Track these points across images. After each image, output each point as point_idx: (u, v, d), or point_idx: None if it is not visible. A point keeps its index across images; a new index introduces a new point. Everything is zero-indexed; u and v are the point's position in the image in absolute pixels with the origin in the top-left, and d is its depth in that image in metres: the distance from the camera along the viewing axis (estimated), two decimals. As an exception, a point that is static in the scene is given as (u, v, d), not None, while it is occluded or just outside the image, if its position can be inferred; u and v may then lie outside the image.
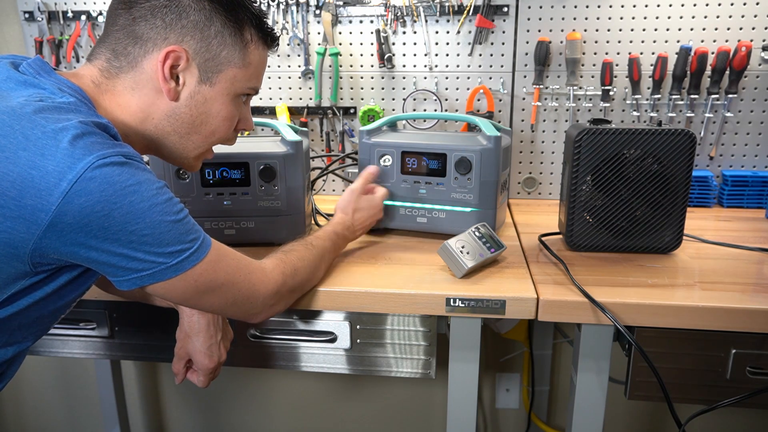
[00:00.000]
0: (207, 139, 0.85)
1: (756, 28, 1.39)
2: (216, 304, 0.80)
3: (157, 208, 0.68)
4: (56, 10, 1.55)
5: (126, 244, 0.68)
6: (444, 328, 1.06)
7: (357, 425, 1.86)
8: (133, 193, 0.66)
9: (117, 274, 0.71)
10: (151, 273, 0.71)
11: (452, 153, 1.15)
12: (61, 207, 0.63)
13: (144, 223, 0.67)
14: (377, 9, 1.49)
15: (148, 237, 0.68)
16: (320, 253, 0.97)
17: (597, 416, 1.01)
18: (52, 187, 0.63)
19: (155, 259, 0.70)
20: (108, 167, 0.65)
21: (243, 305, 0.82)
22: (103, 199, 0.64)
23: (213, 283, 0.76)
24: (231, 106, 0.84)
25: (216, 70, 0.80)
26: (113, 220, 0.66)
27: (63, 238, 0.65)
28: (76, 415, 1.98)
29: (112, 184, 0.65)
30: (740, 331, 0.89)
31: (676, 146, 1.04)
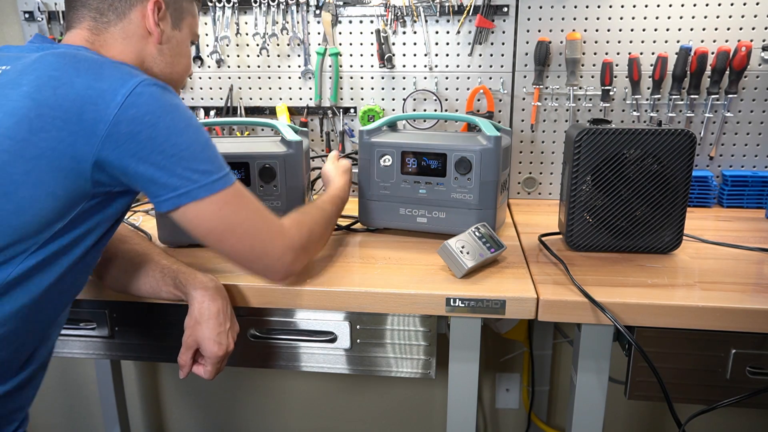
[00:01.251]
0: (182, 75, 0.99)
1: (756, 28, 1.39)
2: (236, 248, 0.85)
3: (193, 129, 0.79)
4: (56, 10, 1.55)
5: (168, 157, 0.76)
6: (444, 328, 1.06)
7: (357, 425, 1.86)
8: (174, 110, 0.77)
9: (158, 193, 0.78)
10: (186, 191, 0.78)
11: (452, 153, 1.15)
12: (116, 117, 0.74)
13: (183, 138, 0.77)
14: (377, 9, 1.49)
15: (186, 152, 0.77)
16: (330, 216, 1.05)
17: (597, 416, 1.02)
18: (109, 101, 0.74)
19: (191, 176, 0.78)
20: (153, 87, 0.77)
21: (262, 251, 0.86)
22: (150, 111, 0.75)
23: (236, 215, 0.82)
24: (189, 48, 1.00)
25: (180, 17, 0.96)
26: (158, 130, 0.75)
27: (118, 150, 0.75)
28: (76, 415, 1.98)
29: (157, 100, 0.76)
30: (740, 331, 0.89)
31: (676, 146, 1.04)
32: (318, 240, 0.99)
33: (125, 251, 0.99)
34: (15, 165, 0.73)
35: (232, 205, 0.82)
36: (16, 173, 0.73)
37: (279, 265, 0.88)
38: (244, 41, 1.55)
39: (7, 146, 0.72)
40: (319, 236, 0.99)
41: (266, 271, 0.89)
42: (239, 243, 0.84)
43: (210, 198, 0.79)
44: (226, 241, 0.84)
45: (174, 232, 1.15)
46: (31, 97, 0.73)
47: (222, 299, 0.92)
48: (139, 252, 0.98)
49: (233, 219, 0.82)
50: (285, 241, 0.88)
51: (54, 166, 0.74)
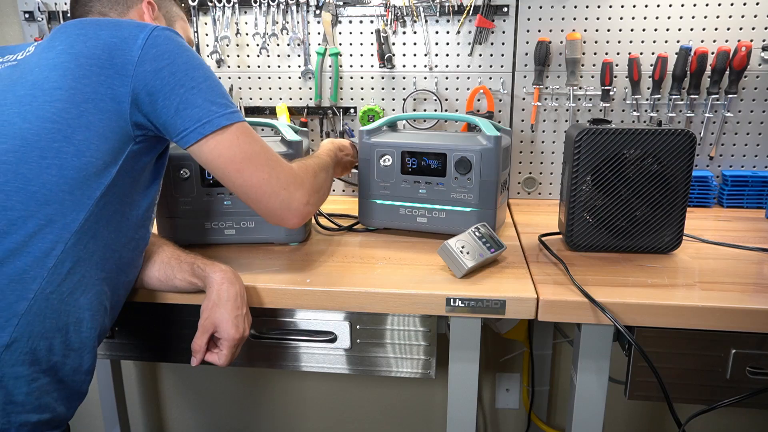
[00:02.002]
0: None
1: (756, 28, 1.39)
2: (256, 174, 0.89)
3: (205, 67, 0.88)
4: (56, 10, 1.55)
5: (189, 89, 0.84)
6: (444, 328, 1.06)
7: (357, 425, 1.86)
8: (188, 50, 0.86)
9: (184, 127, 0.84)
10: (208, 120, 0.84)
11: (452, 153, 1.15)
12: (141, 56, 0.83)
13: (199, 72, 0.86)
14: (377, 9, 1.49)
15: (203, 84, 0.85)
16: (327, 166, 1.09)
17: (597, 416, 1.02)
18: (132, 43, 0.83)
19: (210, 107, 0.85)
20: (168, 32, 0.86)
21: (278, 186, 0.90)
22: (169, 50, 0.84)
23: (251, 146, 0.88)
24: None
25: (173, 21, 1.08)
26: (177, 66, 0.84)
27: (147, 85, 0.83)
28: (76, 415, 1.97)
29: (173, 41, 0.85)
30: (740, 331, 0.89)
31: (676, 146, 1.04)
32: (322, 185, 1.03)
33: None
34: (69, 111, 0.80)
35: (247, 136, 0.88)
36: (71, 118, 0.81)
37: (295, 202, 0.92)
38: (244, 41, 1.55)
39: (59, 95, 0.80)
40: (323, 180, 1.03)
41: (282, 207, 0.92)
42: (258, 172, 0.88)
43: (229, 128, 0.86)
44: (246, 171, 0.88)
45: (174, 233, 1.15)
46: (67, 51, 0.82)
47: (239, 284, 0.94)
48: (153, 241, 1.00)
49: (250, 149, 0.88)
50: (297, 180, 0.93)
51: (99, 108, 0.82)
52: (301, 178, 0.94)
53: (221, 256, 1.12)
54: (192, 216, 1.14)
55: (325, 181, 1.05)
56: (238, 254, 1.13)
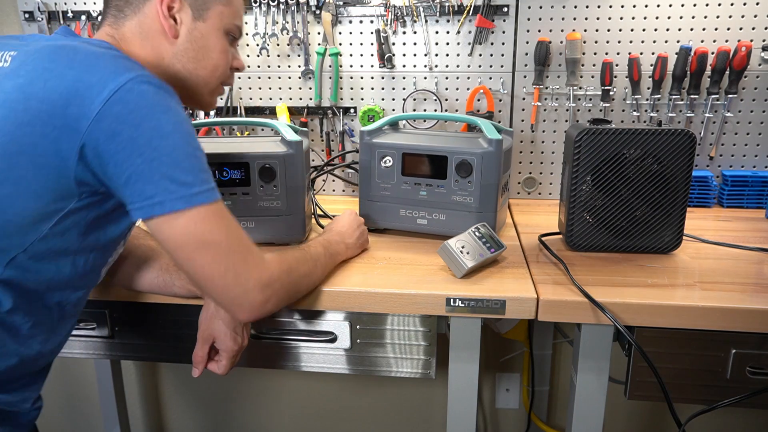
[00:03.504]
0: (212, 74, 0.92)
1: (756, 28, 1.39)
2: (207, 268, 0.77)
3: (180, 134, 0.74)
4: (56, 10, 1.55)
5: (148, 161, 0.72)
6: (444, 328, 1.06)
7: (357, 425, 1.86)
8: (163, 113, 0.73)
9: (133, 199, 0.74)
10: (160, 201, 0.73)
11: (453, 156, 1.14)
12: (100, 113, 0.70)
13: (167, 142, 0.72)
14: (377, 9, 1.48)
15: (168, 158, 0.72)
16: (314, 257, 0.96)
17: (597, 416, 1.02)
18: (95, 95, 0.70)
19: (168, 186, 0.73)
20: (146, 85, 0.72)
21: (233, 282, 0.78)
22: (135, 110, 0.71)
23: (211, 234, 0.76)
24: (224, 41, 0.92)
25: (205, 7, 0.89)
26: (141, 131, 0.71)
27: (98, 147, 0.71)
28: (76, 415, 1.98)
29: (146, 99, 0.72)
30: (740, 331, 0.89)
31: (676, 146, 1.04)
32: (299, 278, 0.90)
33: (138, 246, 0.99)
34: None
35: (209, 223, 0.76)
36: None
37: (248, 300, 0.80)
38: (244, 41, 1.55)
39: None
40: (300, 277, 0.91)
41: (232, 303, 0.81)
42: (211, 265, 0.77)
43: (186, 212, 0.74)
44: (197, 260, 0.77)
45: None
46: (23, 89, 0.71)
47: None
48: (153, 247, 0.99)
49: (208, 238, 0.76)
50: (262, 275, 0.81)
51: (36, 163, 0.71)
52: (269, 274, 0.82)
53: (221, 256, 1.12)
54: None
55: (304, 277, 0.92)
56: (238, 254, 1.13)
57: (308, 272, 0.93)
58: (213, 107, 0.99)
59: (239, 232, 0.80)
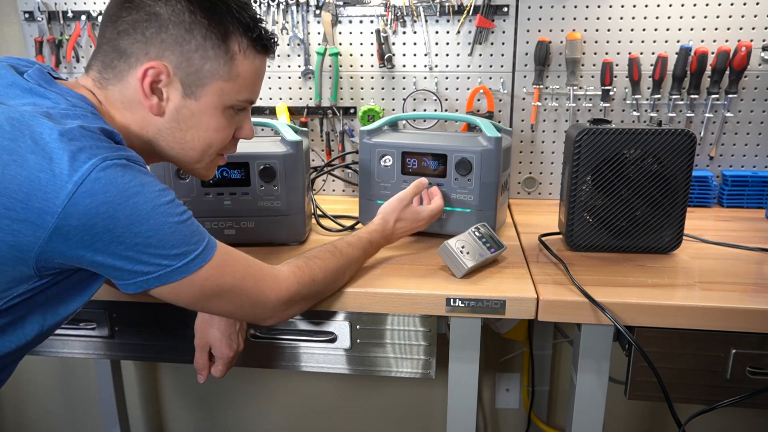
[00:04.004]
0: (203, 154, 0.84)
1: (756, 28, 1.39)
2: (224, 309, 0.81)
3: (160, 210, 0.69)
4: (56, 10, 1.55)
5: (131, 247, 0.68)
6: (444, 328, 1.06)
7: (357, 425, 1.86)
8: (136, 195, 0.67)
9: (123, 278, 0.71)
10: (156, 276, 0.71)
11: (453, 154, 1.15)
12: (66, 209, 0.64)
13: (148, 225, 0.68)
14: (377, 9, 1.48)
15: (152, 239, 0.69)
16: (347, 262, 0.95)
17: (597, 416, 1.01)
18: (59, 189, 0.63)
19: (160, 262, 0.70)
20: (111, 169, 0.66)
21: (252, 310, 0.82)
22: (107, 201, 0.65)
23: (220, 287, 0.76)
24: (221, 118, 0.82)
25: (200, 83, 0.78)
26: (117, 221, 0.66)
27: (68, 242, 0.66)
28: (76, 415, 1.98)
29: (115, 186, 0.66)
30: (740, 331, 0.89)
31: (676, 146, 1.04)
32: (323, 289, 0.91)
33: None
34: None
35: (215, 276, 0.75)
36: None
37: (272, 313, 0.84)
38: (244, 41, 1.55)
39: None
40: (325, 285, 0.91)
41: (258, 320, 0.85)
42: (226, 306, 0.80)
43: (188, 278, 0.73)
44: (212, 308, 0.80)
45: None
46: None
47: None
48: None
49: (216, 291, 0.76)
50: (280, 293, 0.82)
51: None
52: (287, 289, 0.83)
53: (221, 256, 1.12)
54: (192, 216, 1.14)
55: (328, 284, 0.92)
56: (238, 254, 1.13)
57: (334, 279, 0.92)
58: (210, 177, 0.90)
59: (246, 266, 0.79)
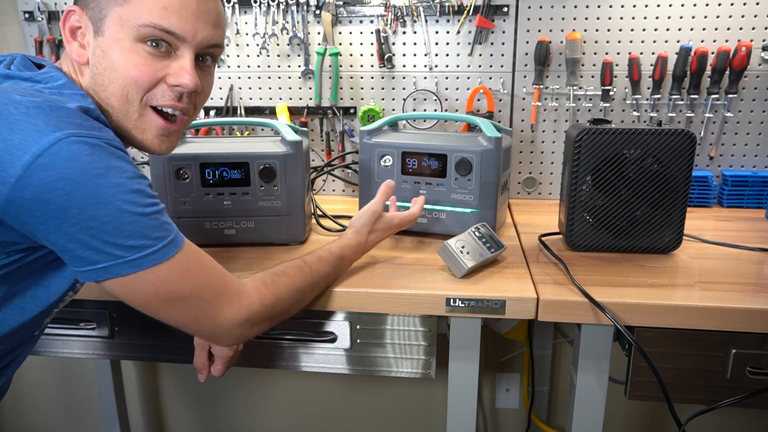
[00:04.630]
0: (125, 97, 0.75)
1: (756, 28, 1.39)
2: (178, 319, 0.74)
3: (122, 197, 0.65)
4: (56, 10, 1.55)
5: (84, 230, 0.64)
6: (444, 328, 1.06)
7: (357, 425, 1.86)
8: (98, 176, 0.64)
9: (75, 263, 0.68)
10: (106, 266, 0.67)
11: (453, 154, 1.15)
12: (20, 180, 0.61)
13: (106, 210, 0.64)
14: (377, 9, 1.48)
15: (108, 225, 0.65)
16: (315, 280, 0.90)
17: (597, 416, 1.01)
18: (15, 159, 0.61)
19: (113, 251, 0.66)
20: (77, 146, 0.63)
21: (207, 325, 0.75)
22: (65, 177, 0.62)
23: (177, 293, 0.71)
24: (131, 53, 0.73)
25: (101, 16, 0.73)
26: (73, 200, 0.63)
27: (22, 216, 0.63)
28: (76, 415, 1.98)
29: (77, 163, 0.62)
30: (740, 331, 0.89)
31: (676, 146, 1.04)
32: (287, 308, 0.85)
33: None
34: None
35: (173, 279, 0.70)
36: None
37: (224, 337, 0.78)
38: (244, 41, 1.55)
39: None
40: (290, 305, 0.85)
41: (211, 339, 0.79)
42: (180, 316, 0.74)
43: (141, 274, 0.68)
44: (165, 314, 0.73)
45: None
46: None
47: None
48: None
49: (172, 295, 0.71)
50: (239, 313, 0.76)
51: None
52: (248, 307, 0.77)
53: (221, 256, 1.12)
54: (192, 216, 1.14)
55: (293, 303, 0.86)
56: (237, 254, 1.13)
57: (301, 298, 0.87)
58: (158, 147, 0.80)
59: (210, 275, 0.74)
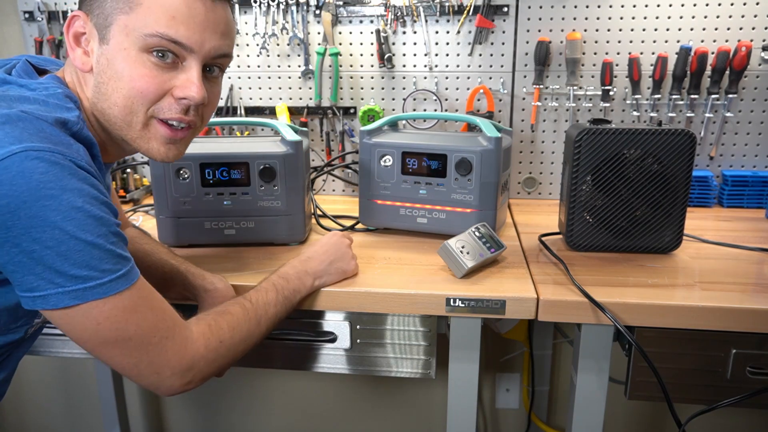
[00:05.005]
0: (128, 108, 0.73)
1: (756, 28, 1.39)
2: (118, 361, 0.69)
3: (74, 222, 0.61)
4: (56, 10, 1.55)
5: (26, 253, 0.60)
6: (444, 328, 1.06)
7: (357, 425, 1.86)
8: (49, 198, 0.60)
9: (16, 287, 0.64)
10: (44, 295, 0.62)
11: (453, 154, 1.15)
12: None
13: (50, 234, 0.60)
14: (377, 9, 1.48)
15: (50, 250, 0.60)
16: (259, 313, 0.84)
17: (597, 416, 1.01)
18: None
19: (53, 279, 0.62)
20: (32, 162, 0.59)
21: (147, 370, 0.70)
22: (11, 194, 0.58)
23: (119, 332, 0.66)
24: (137, 64, 0.71)
25: (107, 23, 0.70)
26: (17, 219, 0.59)
27: None
28: (76, 415, 1.98)
29: (27, 180, 0.59)
30: (740, 331, 0.89)
31: (676, 146, 1.04)
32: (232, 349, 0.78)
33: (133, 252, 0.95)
34: None
35: (116, 318, 0.65)
36: None
37: (164, 386, 0.72)
38: (244, 41, 1.55)
39: None
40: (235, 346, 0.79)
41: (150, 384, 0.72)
42: (119, 358, 0.68)
43: (81, 308, 0.63)
44: (105, 353, 0.68)
45: (174, 233, 1.15)
46: None
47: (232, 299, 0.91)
48: (147, 252, 0.97)
49: (113, 335, 0.66)
50: (182, 361, 0.71)
51: None
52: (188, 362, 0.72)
53: (221, 255, 1.12)
54: (192, 216, 1.14)
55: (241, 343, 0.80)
56: (237, 254, 1.13)
57: (245, 336, 0.81)
58: (165, 155, 0.77)
59: (159, 317, 0.70)
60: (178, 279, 0.93)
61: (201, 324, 0.76)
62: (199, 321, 0.77)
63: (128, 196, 1.49)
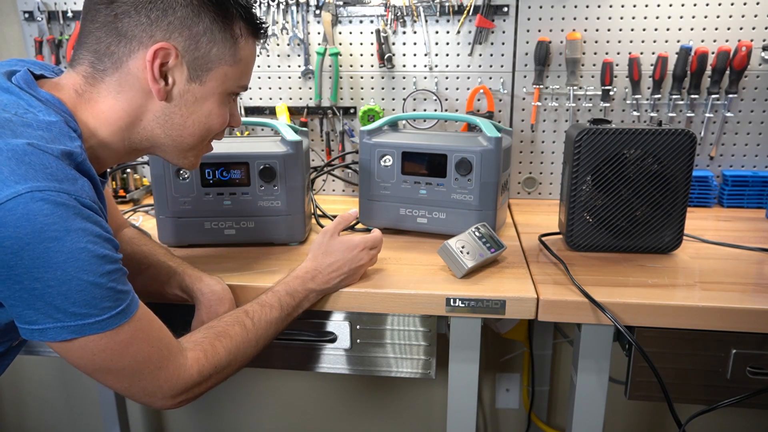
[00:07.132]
0: (203, 138, 0.82)
1: (756, 28, 1.39)
2: (112, 384, 0.72)
3: (76, 263, 0.62)
4: (56, 10, 1.55)
5: (28, 290, 0.62)
6: (444, 328, 1.06)
7: (357, 425, 1.86)
8: (53, 240, 0.60)
9: (15, 318, 0.65)
10: (42, 328, 0.64)
11: (453, 154, 1.15)
12: None
13: (53, 274, 0.61)
14: (377, 9, 1.48)
15: (52, 289, 0.62)
16: (260, 332, 0.85)
17: (597, 416, 1.01)
18: None
19: (53, 314, 0.63)
20: (37, 203, 0.60)
21: (139, 392, 0.73)
22: (15, 236, 0.59)
23: (113, 364, 0.68)
24: (221, 104, 0.81)
25: (206, 68, 0.77)
26: (20, 260, 0.60)
27: None
28: (76, 415, 1.98)
29: (32, 223, 0.59)
30: (740, 331, 0.89)
31: (676, 146, 1.04)
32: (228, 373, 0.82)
33: (131, 253, 0.97)
34: None
35: (112, 351, 0.67)
36: None
37: (157, 405, 0.75)
38: (244, 41, 1.55)
39: None
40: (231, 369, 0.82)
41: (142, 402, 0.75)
42: (114, 383, 0.71)
43: (79, 342, 0.65)
44: (101, 378, 0.71)
45: (174, 233, 1.15)
46: None
47: (229, 302, 0.92)
48: (145, 253, 0.97)
49: (108, 365, 0.68)
50: (178, 383, 0.73)
51: None
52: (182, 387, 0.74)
53: (221, 256, 1.12)
54: (192, 216, 1.14)
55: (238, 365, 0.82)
56: (237, 254, 1.13)
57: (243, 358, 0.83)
58: (194, 167, 0.88)
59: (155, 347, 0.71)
60: (176, 281, 0.94)
61: (197, 350, 0.77)
62: (196, 346, 0.77)
63: (128, 196, 1.49)
